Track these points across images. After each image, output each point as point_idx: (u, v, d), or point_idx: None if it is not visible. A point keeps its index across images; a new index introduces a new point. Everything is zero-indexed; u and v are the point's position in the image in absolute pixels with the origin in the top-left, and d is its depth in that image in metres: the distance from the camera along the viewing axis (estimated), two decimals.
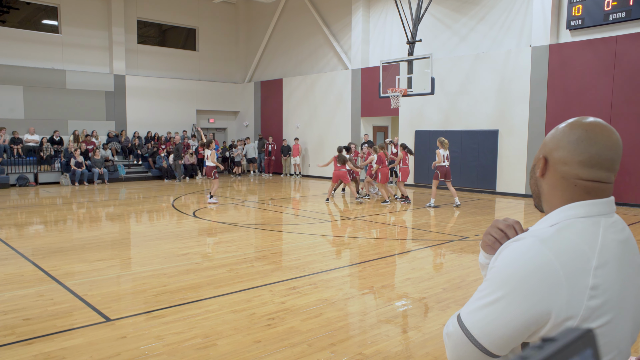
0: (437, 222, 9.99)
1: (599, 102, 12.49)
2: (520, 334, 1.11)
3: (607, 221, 1.16)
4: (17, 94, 17.79)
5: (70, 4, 18.91)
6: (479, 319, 1.13)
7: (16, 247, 7.55)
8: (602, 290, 1.08)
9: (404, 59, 13.14)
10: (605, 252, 1.11)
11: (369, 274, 6.21)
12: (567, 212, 1.17)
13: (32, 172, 17.04)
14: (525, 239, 1.14)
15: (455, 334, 1.18)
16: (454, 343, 1.18)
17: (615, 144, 1.17)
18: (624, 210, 11.41)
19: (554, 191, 1.21)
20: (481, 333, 1.13)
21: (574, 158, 1.16)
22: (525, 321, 1.09)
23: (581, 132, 1.17)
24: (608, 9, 12.15)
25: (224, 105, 23.46)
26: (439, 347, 3.99)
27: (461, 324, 1.16)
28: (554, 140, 1.21)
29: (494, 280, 1.14)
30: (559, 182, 1.20)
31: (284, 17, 21.44)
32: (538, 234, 1.14)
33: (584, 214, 1.16)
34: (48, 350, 3.86)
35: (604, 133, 1.16)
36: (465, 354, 1.16)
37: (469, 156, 15.21)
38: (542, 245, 1.10)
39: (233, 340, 4.07)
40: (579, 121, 1.20)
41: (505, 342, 1.12)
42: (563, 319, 1.07)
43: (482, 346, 1.13)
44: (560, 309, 1.07)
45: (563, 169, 1.18)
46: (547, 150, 1.22)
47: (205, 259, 6.86)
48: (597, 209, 1.16)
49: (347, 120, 18.87)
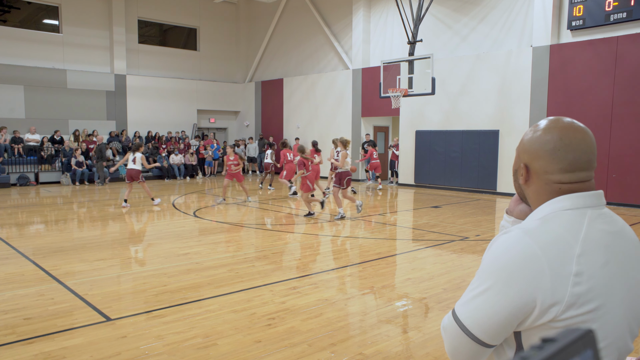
0: (437, 222, 9.98)
1: (600, 103, 12.48)
2: (509, 322, 1.16)
3: (594, 212, 1.20)
4: (18, 94, 17.81)
5: (71, 4, 18.92)
6: (469, 310, 1.20)
7: (17, 246, 7.55)
8: (586, 277, 1.12)
9: (404, 59, 13.14)
10: (590, 241, 1.15)
11: (370, 274, 6.21)
12: (553, 205, 1.22)
13: (32, 172, 17.05)
14: (512, 232, 1.20)
15: (450, 327, 1.24)
16: (449, 335, 1.24)
17: (589, 145, 1.22)
18: (625, 211, 11.40)
19: (540, 195, 1.26)
20: (473, 323, 1.19)
21: (554, 167, 1.22)
22: (512, 309, 1.14)
23: (557, 139, 1.22)
24: (609, 9, 12.14)
25: (225, 105, 23.47)
26: (439, 347, 3.99)
27: (455, 317, 1.23)
28: (532, 148, 1.26)
29: (483, 272, 1.21)
30: (542, 188, 1.25)
31: (285, 17, 21.44)
32: (523, 226, 1.20)
33: (570, 206, 1.20)
34: (48, 350, 3.86)
35: (577, 136, 1.21)
36: (460, 345, 1.22)
37: (470, 156, 15.20)
38: (526, 236, 1.16)
39: (233, 340, 4.07)
40: (554, 126, 1.24)
41: (496, 331, 1.17)
42: (548, 305, 1.11)
43: (474, 336, 1.19)
44: (545, 296, 1.11)
45: (545, 177, 1.24)
46: (527, 158, 1.27)
47: (205, 259, 6.86)
48: (583, 201, 1.21)
49: (348, 120, 18.87)
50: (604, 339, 1.13)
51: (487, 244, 5.44)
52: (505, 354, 1.24)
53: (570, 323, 1.11)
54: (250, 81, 23.42)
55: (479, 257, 7.06)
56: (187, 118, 22.16)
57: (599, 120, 12.34)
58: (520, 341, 1.20)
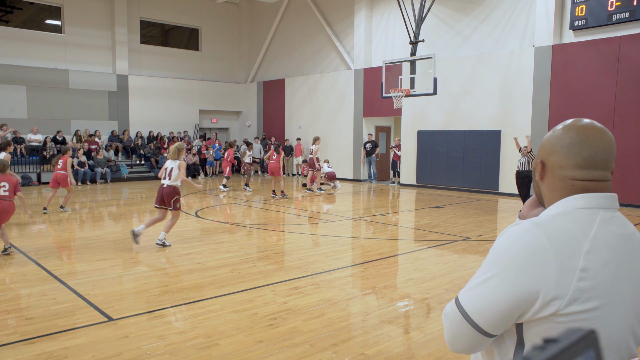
0: (439, 222, 9.97)
1: (602, 103, 12.45)
2: (510, 312, 1.15)
3: (606, 214, 1.20)
4: (21, 94, 17.85)
5: (73, 4, 18.96)
6: (472, 297, 1.19)
7: (19, 246, 7.56)
8: (592, 274, 1.11)
9: (406, 59, 13.13)
10: (600, 240, 1.15)
11: (371, 274, 6.21)
12: (567, 203, 1.22)
13: (35, 172, 17.09)
14: (522, 223, 1.20)
15: (451, 314, 1.23)
16: (450, 322, 1.24)
17: (607, 144, 1.22)
18: (626, 211, 11.38)
19: (554, 192, 1.26)
20: (474, 310, 1.18)
21: (569, 161, 1.22)
22: (515, 299, 1.13)
23: (574, 135, 1.22)
24: (611, 9, 12.12)
25: (227, 105, 23.49)
26: (441, 347, 3.99)
27: (457, 303, 1.22)
28: (549, 145, 1.27)
29: (490, 261, 1.20)
30: (556, 184, 1.25)
31: (287, 17, 21.45)
32: (534, 219, 1.20)
33: (583, 205, 1.20)
34: (50, 350, 3.86)
35: (595, 135, 1.22)
36: (460, 332, 1.21)
37: (472, 157, 15.18)
38: (535, 228, 1.16)
39: (235, 340, 4.07)
40: (573, 124, 1.25)
41: (497, 320, 1.16)
42: (551, 298, 1.11)
43: (475, 323, 1.18)
44: (549, 288, 1.11)
45: (559, 172, 1.24)
46: (544, 154, 1.28)
47: (207, 259, 6.87)
48: (596, 201, 1.20)
49: (350, 120, 18.87)
50: (605, 339, 1.12)
51: (489, 244, 5.46)
52: (505, 345, 1.23)
53: (572, 319, 1.10)
54: (252, 81, 23.44)
55: (481, 258, 7.05)
56: (189, 118, 22.18)
57: (601, 121, 12.20)
58: (522, 334, 1.19)
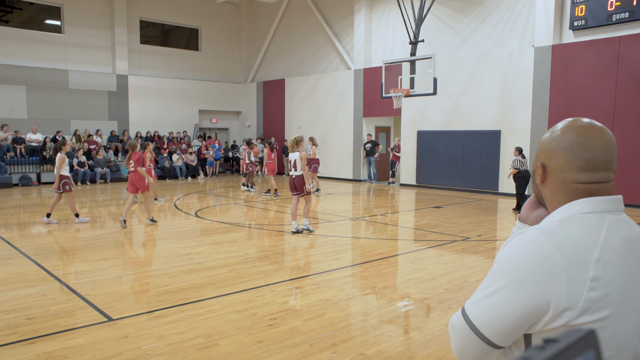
0: (439, 222, 9.97)
1: (602, 103, 12.46)
2: (520, 324, 1.12)
3: (612, 217, 1.17)
4: (20, 94, 17.84)
5: (73, 4, 18.95)
6: (481, 309, 1.16)
7: (19, 246, 7.56)
8: (603, 283, 1.08)
9: (406, 60, 13.12)
10: (608, 247, 1.12)
11: (371, 274, 6.21)
12: (572, 208, 1.18)
13: (34, 172, 17.08)
14: (529, 232, 1.16)
15: (459, 325, 1.20)
16: (458, 334, 1.20)
17: (608, 144, 1.19)
18: (627, 212, 11.30)
19: (557, 196, 1.23)
20: (483, 323, 1.15)
21: (570, 164, 1.19)
22: (525, 311, 1.10)
23: (573, 137, 1.19)
24: (611, 9, 12.12)
25: (227, 106, 23.48)
26: (440, 347, 3.99)
27: (465, 315, 1.19)
28: (549, 147, 1.23)
29: (497, 271, 1.16)
30: (559, 187, 1.22)
31: (287, 18, 21.45)
32: (541, 227, 1.17)
33: (589, 209, 1.17)
34: (50, 350, 3.86)
35: (595, 135, 1.18)
36: (469, 344, 1.18)
37: (472, 157, 15.18)
38: (543, 237, 1.12)
39: (235, 340, 4.07)
40: (572, 125, 1.21)
41: (507, 332, 1.14)
42: (562, 309, 1.08)
43: (484, 336, 1.15)
44: (560, 300, 1.08)
45: (561, 175, 1.21)
46: (544, 157, 1.24)
47: (207, 259, 6.86)
48: (602, 205, 1.17)
49: (350, 120, 18.87)
50: (616, 347, 1.10)
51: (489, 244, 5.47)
52: (512, 354, 1.22)
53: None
54: (251, 81, 23.43)
55: (481, 258, 7.06)
56: (188, 118, 22.18)
57: (600, 121, 11.97)
58: (530, 344, 1.17)
